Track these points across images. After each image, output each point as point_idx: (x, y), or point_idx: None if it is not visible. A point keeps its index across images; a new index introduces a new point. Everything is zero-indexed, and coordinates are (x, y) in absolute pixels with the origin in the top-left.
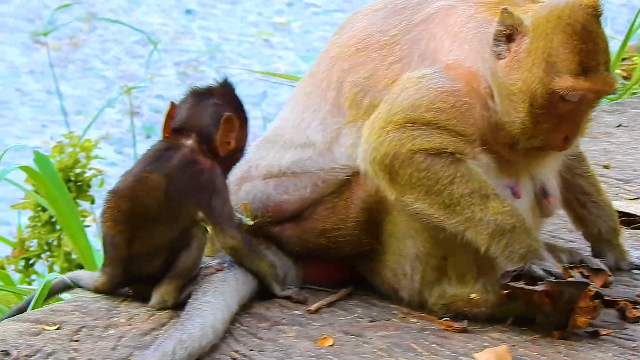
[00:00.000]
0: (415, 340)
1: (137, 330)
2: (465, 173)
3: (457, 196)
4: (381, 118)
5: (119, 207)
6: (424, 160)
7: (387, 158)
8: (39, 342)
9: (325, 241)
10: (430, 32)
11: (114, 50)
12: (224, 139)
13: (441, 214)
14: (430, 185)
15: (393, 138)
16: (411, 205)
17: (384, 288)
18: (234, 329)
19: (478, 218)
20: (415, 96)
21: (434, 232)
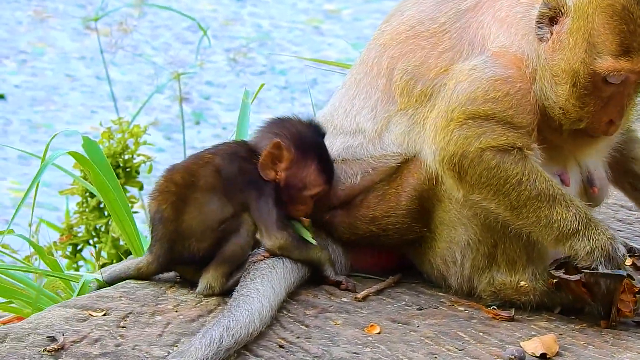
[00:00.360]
0: (462, 329)
1: (184, 317)
2: (532, 173)
3: (524, 198)
4: (442, 117)
5: (173, 179)
6: (493, 158)
7: (455, 157)
8: (86, 328)
9: (374, 228)
10: (478, 19)
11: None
12: (267, 162)
13: (508, 215)
14: (499, 185)
15: (459, 136)
16: (478, 203)
17: (433, 275)
18: (281, 316)
19: (544, 222)
20: (469, 89)
21: (485, 219)
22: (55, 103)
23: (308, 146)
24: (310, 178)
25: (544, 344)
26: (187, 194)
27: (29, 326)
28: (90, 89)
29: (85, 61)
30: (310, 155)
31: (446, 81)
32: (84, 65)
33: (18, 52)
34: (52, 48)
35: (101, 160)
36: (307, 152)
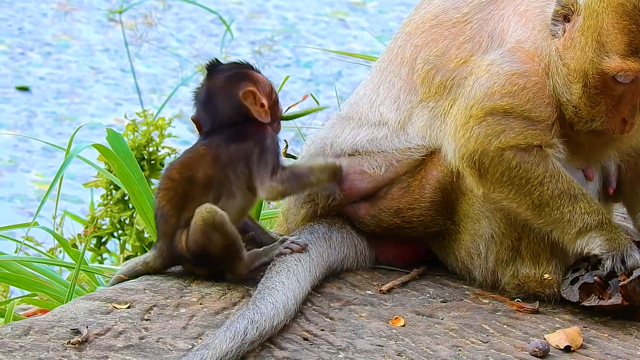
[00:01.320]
0: (486, 321)
1: (209, 310)
2: (553, 172)
3: (546, 197)
4: (462, 114)
5: (170, 176)
6: (514, 157)
7: (475, 154)
8: (110, 321)
9: (399, 221)
10: (499, 11)
11: (189, 29)
12: (259, 109)
13: (529, 214)
14: (521, 185)
15: (479, 134)
16: (499, 202)
17: (457, 268)
18: (306, 308)
19: (566, 219)
20: (487, 84)
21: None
22: (79, 96)
23: (239, 71)
24: (265, 79)
25: (568, 337)
26: (185, 189)
27: (53, 319)
28: (115, 82)
29: (110, 54)
30: (248, 71)
31: (465, 74)
32: (108, 58)
33: (43, 44)
34: (76, 40)
35: (126, 153)
36: (246, 73)
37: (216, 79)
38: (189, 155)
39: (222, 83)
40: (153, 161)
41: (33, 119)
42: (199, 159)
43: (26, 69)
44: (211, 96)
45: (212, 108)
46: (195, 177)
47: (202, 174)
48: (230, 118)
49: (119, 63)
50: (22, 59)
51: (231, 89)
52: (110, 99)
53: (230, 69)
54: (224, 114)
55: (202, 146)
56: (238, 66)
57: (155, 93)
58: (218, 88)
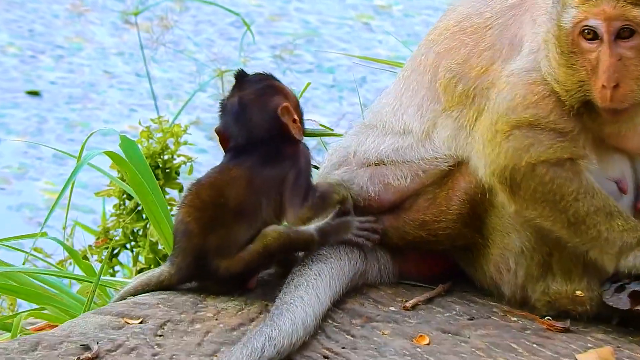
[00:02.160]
0: (515, 340)
1: (225, 326)
2: (588, 188)
3: (582, 214)
4: (488, 129)
5: (199, 194)
6: (546, 173)
7: (506, 171)
8: (121, 337)
9: (424, 234)
10: (519, 17)
11: (207, 32)
12: (293, 125)
13: (565, 232)
14: (555, 202)
15: (507, 149)
16: (532, 220)
17: (485, 283)
18: (326, 325)
19: (604, 237)
20: (508, 97)
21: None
22: (92, 101)
23: (269, 83)
24: (291, 90)
25: (600, 357)
26: (215, 213)
27: (62, 334)
28: (129, 87)
29: (124, 57)
30: (276, 82)
31: (487, 84)
32: (122, 62)
33: (54, 47)
34: (89, 43)
35: (140, 161)
36: (275, 85)
37: (248, 91)
38: (219, 177)
39: (255, 95)
40: (168, 170)
41: (43, 124)
42: (231, 182)
43: (37, 73)
44: (244, 109)
45: (246, 122)
46: (227, 203)
47: (234, 201)
48: (266, 134)
49: (134, 67)
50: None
51: (267, 103)
52: (124, 104)
53: (261, 80)
54: (260, 130)
55: (233, 166)
56: (266, 78)
57: (171, 99)
58: (252, 101)
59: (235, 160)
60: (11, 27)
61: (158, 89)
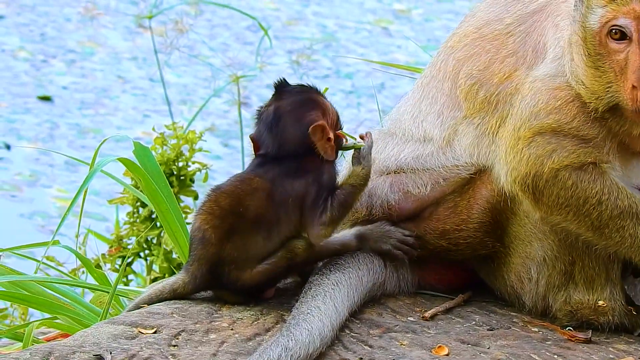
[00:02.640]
0: (536, 351)
1: (240, 336)
2: (611, 190)
3: (606, 218)
4: (510, 136)
5: (218, 201)
6: (569, 177)
7: (528, 178)
8: (135, 347)
9: (444, 243)
10: (541, 23)
11: (222, 37)
12: (325, 145)
13: (591, 235)
14: (579, 206)
15: (529, 156)
16: (558, 225)
17: (506, 293)
18: (343, 335)
19: (630, 242)
20: (531, 103)
21: (562, 235)
22: (105, 106)
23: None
24: (331, 105)
25: None
26: (233, 222)
27: (75, 343)
28: (143, 92)
29: (138, 62)
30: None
31: (510, 91)
32: (136, 67)
33: (66, 51)
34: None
35: (153, 168)
36: (316, 99)
37: (286, 102)
38: (240, 186)
39: (291, 107)
40: (183, 177)
41: (55, 130)
42: (252, 193)
43: (48, 78)
44: (279, 120)
45: (278, 133)
46: (245, 213)
47: (253, 212)
48: (296, 149)
49: (148, 72)
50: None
51: (301, 118)
52: (137, 110)
53: (300, 92)
54: (290, 144)
55: (255, 176)
56: (307, 90)
57: (185, 104)
58: (287, 113)
59: (258, 170)
60: (22, 31)
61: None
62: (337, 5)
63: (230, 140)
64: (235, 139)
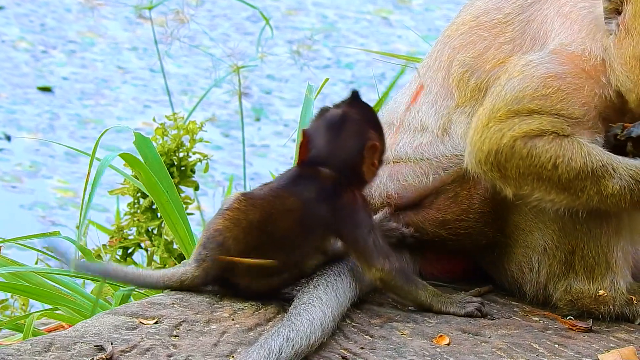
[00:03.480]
0: (536, 340)
1: (241, 326)
2: (566, 152)
3: (565, 180)
4: (485, 115)
5: (247, 214)
6: (524, 146)
7: (491, 155)
8: (136, 337)
9: (445, 233)
10: (542, 12)
11: (223, 27)
12: (370, 166)
13: (563, 199)
14: (538, 173)
15: (494, 131)
16: (531, 195)
17: (506, 282)
18: (344, 325)
19: (597, 199)
20: (518, 87)
21: (563, 223)
22: (105, 97)
23: (375, 120)
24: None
25: (623, 357)
26: (257, 238)
27: (76, 334)
28: (143, 83)
29: (138, 52)
30: (379, 125)
31: (500, 74)
32: (136, 57)
33: (66, 42)
34: (102, 38)
35: (154, 159)
36: (379, 125)
37: (357, 111)
38: (274, 202)
39: (359, 118)
40: (183, 167)
41: (56, 121)
42: (284, 213)
43: (49, 68)
44: (344, 124)
45: (336, 137)
46: (273, 232)
47: (281, 232)
48: (345, 159)
49: (148, 62)
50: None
51: (364, 131)
52: (138, 100)
53: (371, 111)
54: (342, 151)
55: (291, 196)
56: (374, 113)
57: (186, 95)
58: (355, 121)
59: (294, 188)
60: (22, 21)
61: (173, 85)
62: None
63: (231, 130)
64: (236, 129)
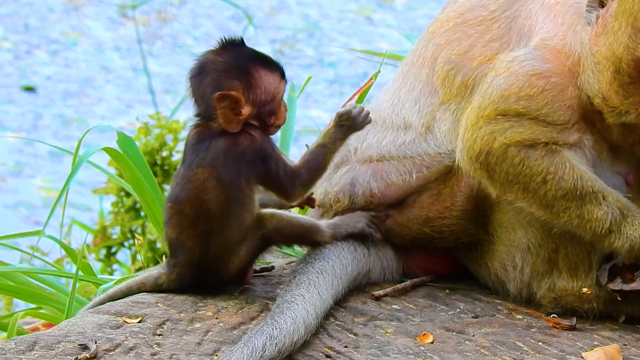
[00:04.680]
0: (520, 338)
1: (225, 324)
2: (558, 170)
3: (551, 197)
4: (474, 113)
5: (182, 212)
6: (517, 154)
7: (481, 155)
8: (120, 336)
9: (428, 230)
10: (527, 7)
11: (206, 26)
12: (229, 116)
13: (543, 214)
14: (526, 183)
15: (485, 132)
16: (513, 203)
17: (490, 280)
18: (328, 324)
19: (576, 222)
20: (504, 85)
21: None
22: (88, 96)
23: (244, 65)
24: (271, 86)
25: (607, 355)
26: (204, 225)
27: (60, 333)
28: (126, 82)
29: (121, 52)
30: (253, 70)
31: (487, 71)
32: (119, 57)
33: (50, 41)
34: (86, 38)
35: (137, 158)
36: (249, 71)
37: (218, 60)
38: (192, 186)
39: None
40: (166, 167)
41: (39, 121)
42: (204, 187)
43: (32, 68)
44: (200, 77)
45: (196, 90)
46: (210, 209)
47: (216, 205)
48: (205, 114)
49: (131, 62)
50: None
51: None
52: (121, 100)
53: (237, 58)
54: (202, 106)
55: (197, 168)
56: (246, 58)
57: (169, 94)
58: (208, 72)
59: (195, 160)
60: (5, 21)
61: (156, 84)
62: None
63: None
64: None
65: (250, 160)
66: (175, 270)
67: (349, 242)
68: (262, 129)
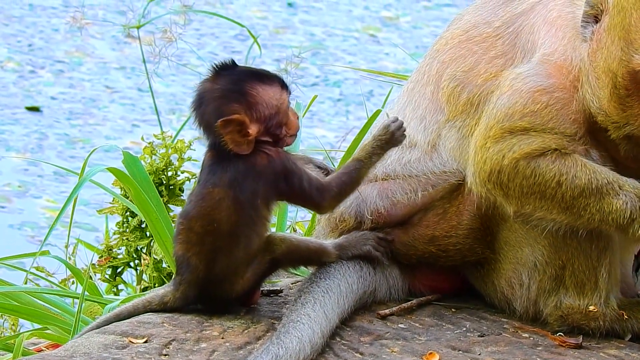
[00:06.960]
0: (527, 357)
1: (231, 344)
2: (570, 169)
3: (569, 198)
4: (481, 135)
5: (192, 228)
6: (527, 166)
7: (493, 175)
8: (126, 356)
9: (434, 249)
10: (530, 22)
11: (211, 45)
12: (237, 140)
13: (564, 218)
14: (542, 191)
15: (493, 152)
16: (532, 215)
17: (496, 299)
18: (334, 343)
19: (599, 218)
20: (508, 103)
21: (553, 239)
22: (93, 116)
23: (240, 87)
24: (273, 99)
25: None
26: (212, 242)
27: (65, 354)
28: (131, 102)
29: (126, 72)
30: (249, 88)
31: (493, 88)
32: (124, 76)
33: (54, 61)
34: (90, 57)
35: (143, 177)
36: (245, 91)
37: (214, 87)
38: (205, 204)
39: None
40: (172, 186)
41: (44, 141)
42: (218, 206)
43: (37, 88)
44: (202, 105)
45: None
46: (220, 228)
47: (226, 223)
48: (215, 139)
49: (136, 81)
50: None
51: (217, 111)
52: (126, 119)
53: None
54: (208, 132)
55: (213, 188)
56: (242, 79)
57: (174, 114)
58: (211, 100)
59: (212, 179)
60: (10, 41)
61: (161, 104)
62: (325, 13)
63: None
64: None
65: (271, 179)
66: (181, 287)
67: (354, 260)
68: (275, 143)
